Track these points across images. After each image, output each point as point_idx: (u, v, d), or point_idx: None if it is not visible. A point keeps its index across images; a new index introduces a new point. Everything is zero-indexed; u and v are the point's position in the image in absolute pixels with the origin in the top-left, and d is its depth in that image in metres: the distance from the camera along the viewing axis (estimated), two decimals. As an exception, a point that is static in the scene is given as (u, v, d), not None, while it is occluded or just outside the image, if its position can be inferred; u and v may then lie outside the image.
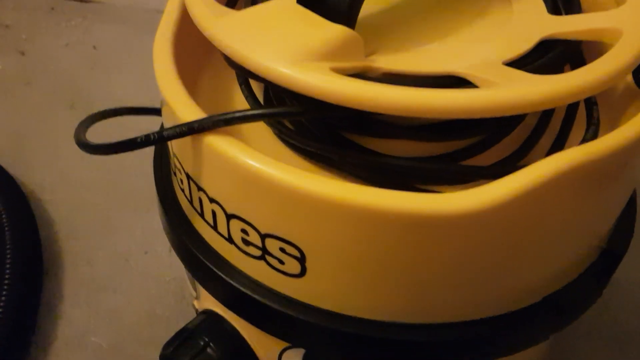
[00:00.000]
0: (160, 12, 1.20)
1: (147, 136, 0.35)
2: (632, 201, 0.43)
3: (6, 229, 0.65)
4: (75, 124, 0.88)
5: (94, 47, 0.99)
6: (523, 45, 0.35)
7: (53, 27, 1.04)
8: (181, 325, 0.45)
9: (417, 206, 0.29)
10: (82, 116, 0.91)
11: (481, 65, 0.33)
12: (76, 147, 0.84)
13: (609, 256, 0.41)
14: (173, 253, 0.67)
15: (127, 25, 1.04)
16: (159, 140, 0.35)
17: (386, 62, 0.35)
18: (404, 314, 0.35)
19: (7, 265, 0.61)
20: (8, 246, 0.63)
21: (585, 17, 0.38)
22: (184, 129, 0.34)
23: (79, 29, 1.04)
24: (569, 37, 0.37)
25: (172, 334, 0.45)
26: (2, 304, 0.58)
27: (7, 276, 0.61)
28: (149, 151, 0.79)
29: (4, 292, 0.59)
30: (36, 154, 0.79)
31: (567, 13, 0.39)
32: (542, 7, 0.39)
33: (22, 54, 0.97)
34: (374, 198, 0.30)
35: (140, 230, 0.70)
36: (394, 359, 0.37)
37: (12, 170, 0.74)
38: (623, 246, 0.42)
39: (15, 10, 1.07)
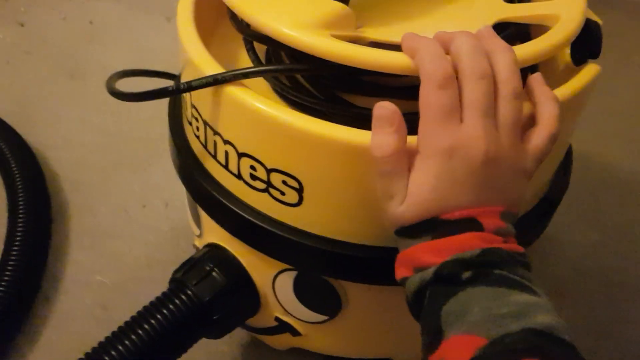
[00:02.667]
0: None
1: (177, 85, 0.42)
2: (568, 157, 0.52)
3: (18, 181, 0.71)
4: (75, 91, 0.95)
5: (91, 22, 1.05)
6: (482, 25, 0.44)
7: (49, 0, 1.09)
8: (178, 268, 0.53)
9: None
10: (81, 85, 0.98)
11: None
12: (77, 112, 0.91)
13: (547, 202, 0.50)
14: (169, 207, 0.75)
15: (120, 4, 1.10)
16: (188, 90, 0.42)
17: (372, 33, 0.43)
18: (373, 237, 0.43)
19: (20, 214, 0.68)
20: (20, 197, 0.69)
21: (532, 5, 0.47)
22: (209, 80, 0.41)
23: (74, 3, 1.09)
24: (519, 21, 0.46)
25: (170, 275, 0.52)
26: (16, 247, 0.65)
27: (20, 223, 0.67)
28: (145, 117, 0.86)
29: (18, 237, 0.66)
30: (40, 117, 0.85)
31: (518, 1, 0.48)
32: (499, -4, 0.48)
33: (22, 25, 1.03)
34: (356, 137, 0.39)
35: (138, 186, 0.77)
36: (365, 274, 0.46)
37: (19, 130, 0.80)
38: (558, 195, 0.51)
39: (12, -17, 1.12)
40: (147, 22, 1.06)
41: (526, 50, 0.40)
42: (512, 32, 0.45)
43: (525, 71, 0.45)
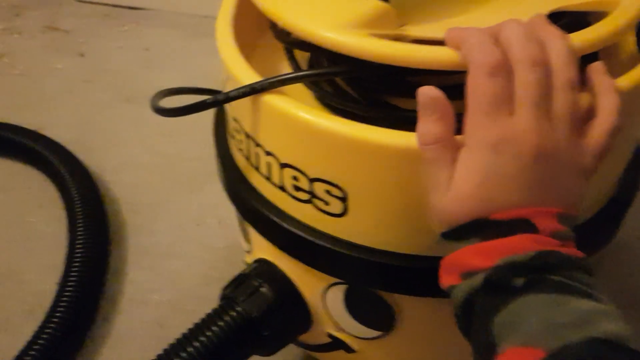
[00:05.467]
0: (203, 17, 1.31)
1: (215, 97, 0.42)
2: (638, 153, 0.48)
3: (77, 205, 0.73)
4: (132, 115, 0.97)
5: (146, 49, 1.07)
6: (533, 16, 0.41)
7: (108, 31, 1.13)
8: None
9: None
10: (138, 109, 1.00)
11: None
12: (134, 135, 0.93)
13: (616, 204, 0.46)
14: (223, 225, 0.75)
15: (175, 30, 1.13)
16: (226, 100, 0.41)
17: (415, 31, 0.41)
18: (423, 247, 0.41)
19: (79, 235, 0.69)
20: (79, 219, 0.71)
21: (588, -9, 0.44)
22: (247, 89, 0.40)
23: (131, 33, 1.13)
24: (575, 9, 0.43)
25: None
26: (76, 267, 0.66)
27: (79, 244, 0.69)
28: (200, 138, 0.86)
29: (77, 258, 0.67)
30: (99, 142, 0.88)
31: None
32: (552, -16, 0.45)
33: (82, 55, 1.07)
34: (400, 139, 0.37)
35: (194, 206, 0.77)
36: (416, 286, 0.43)
37: (78, 155, 0.82)
38: (629, 195, 0.47)
39: (73, 17, 1.17)
40: (200, 46, 1.07)
41: (583, 38, 0.37)
42: (568, 21, 0.42)
43: (586, 61, 0.42)
